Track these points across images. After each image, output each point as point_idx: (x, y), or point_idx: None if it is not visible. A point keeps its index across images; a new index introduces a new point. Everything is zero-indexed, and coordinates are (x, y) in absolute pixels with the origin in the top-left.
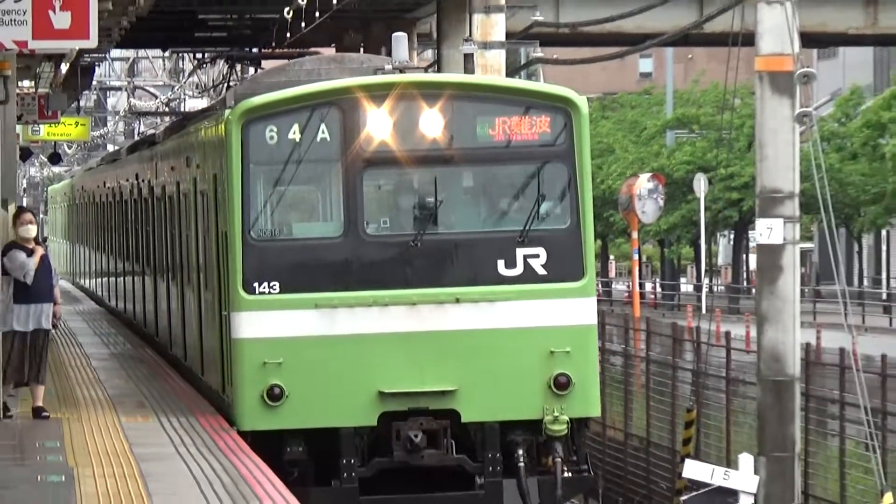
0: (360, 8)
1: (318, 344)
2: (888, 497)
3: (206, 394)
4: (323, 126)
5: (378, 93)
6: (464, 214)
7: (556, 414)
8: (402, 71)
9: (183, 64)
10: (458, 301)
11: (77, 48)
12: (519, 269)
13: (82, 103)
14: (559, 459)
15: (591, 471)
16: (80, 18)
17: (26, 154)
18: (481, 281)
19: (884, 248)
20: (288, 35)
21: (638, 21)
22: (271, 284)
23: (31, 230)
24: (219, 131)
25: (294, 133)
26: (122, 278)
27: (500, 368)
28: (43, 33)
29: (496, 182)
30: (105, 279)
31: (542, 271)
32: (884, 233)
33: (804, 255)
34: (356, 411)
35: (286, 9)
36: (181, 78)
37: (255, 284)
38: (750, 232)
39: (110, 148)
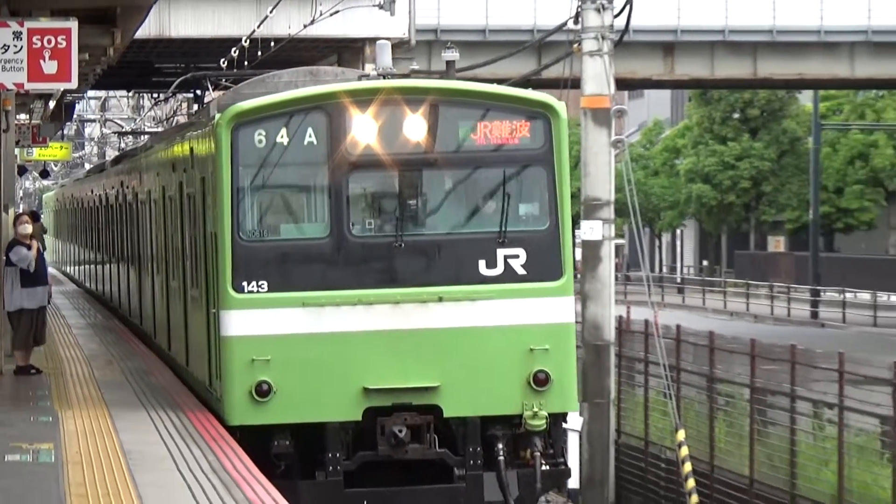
0: (277, 58)
1: (305, 341)
2: (681, 433)
3: (184, 377)
4: (310, 130)
5: (363, 98)
6: (446, 216)
7: (535, 409)
8: (385, 77)
9: (143, 101)
10: (440, 300)
11: (62, 89)
12: (499, 269)
13: (65, 131)
14: (538, 453)
15: (567, 464)
16: (64, 66)
17: (22, 171)
18: (463, 280)
19: (678, 243)
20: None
21: (491, 69)
22: (260, 283)
23: (28, 228)
24: (207, 136)
25: (282, 137)
26: (100, 267)
27: (481, 365)
28: (36, 77)
29: (478, 185)
30: (86, 267)
31: (521, 271)
32: (678, 232)
33: (618, 248)
34: (342, 406)
35: (222, 59)
36: (142, 112)
37: (244, 283)
38: (576, 230)
39: (87, 167)
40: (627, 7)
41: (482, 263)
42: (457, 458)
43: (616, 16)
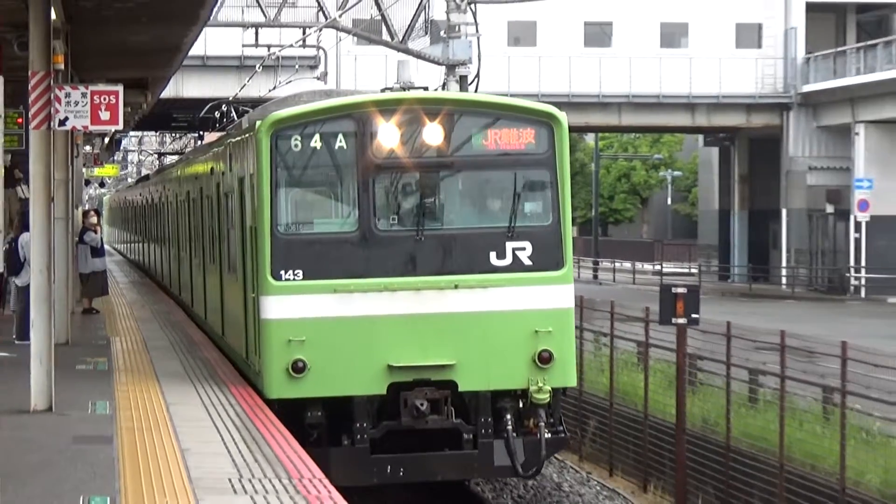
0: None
1: (336, 324)
2: None
3: (220, 344)
4: (340, 136)
5: (387, 108)
6: (461, 212)
7: (539, 385)
8: (406, 89)
9: (165, 138)
10: (456, 287)
11: (112, 130)
12: (508, 260)
13: (115, 157)
14: (542, 423)
15: (566, 431)
16: (114, 115)
17: (87, 182)
18: (476, 270)
19: None
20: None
21: None
22: (296, 272)
23: (94, 219)
24: (249, 142)
25: (315, 142)
26: (140, 245)
27: (491, 345)
28: (96, 122)
29: (488, 185)
30: (129, 245)
31: (528, 262)
32: None
33: None
34: (368, 382)
35: (216, 112)
36: (164, 145)
37: (282, 272)
38: None
39: (129, 180)
40: (476, 80)
41: (493, 255)
42: (469, 428)
43: (470, 83)
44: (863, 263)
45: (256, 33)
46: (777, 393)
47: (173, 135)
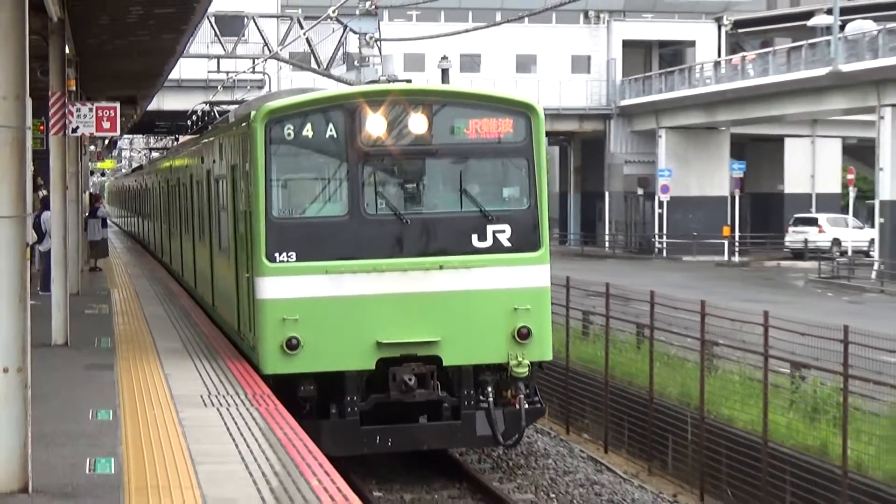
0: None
1: (328, 303)
2: None
3: (212, 314)
4: (331, 125)
5: (375, 99)
6: (444, 197)
7: (519, 359)
8: (391, 82)
9: (150, 139)
10: (441, 268)
11: (112, 135)
12: (489, 242)
13: (113, 154)
14: (522, 396)
15: (542, 402)
16: (113, 124)
17: (91, 173)
18: (459, 251)
19: None
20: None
21: None
22: (289, 254)
23: (102, 203)
24: (243, 130)
25: (307, 130)
26: (133, 219)
27: (474, 322)
28: (99, 129)
29: (470, 171)
30: (125, 219)
31: (507, 244)
32: None
33: None
34: (358, 357)
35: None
36: (150, 144)
37: (276, 254)
38: None
39: (123, 171)
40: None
41: (475, 237)
42: (453, 400)
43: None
44: (664, 232)
45: (218, 62)
46: (603, 329)
47: (156, 137)
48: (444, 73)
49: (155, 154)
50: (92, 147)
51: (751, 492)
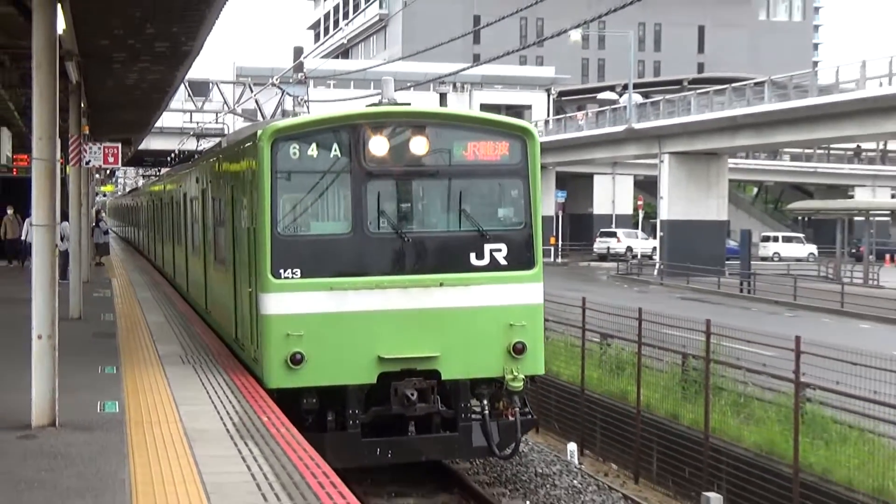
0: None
1: (331, 319)
2: None
3: (208, 320)
4: (335, 145)
5: (378, 121)
6: (444, 217)
7: (514, 373)
8: (391, 104)
9: (140, 170)
10: (441, 285)
11: (114, 167)
12: (486, 260)
13: (112, 180)
14: (517, 409)
15: (533, 414)
16: (115, 158)
17: (96, 194)
18: (458, 269)
19: None
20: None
21: None
22: (294, 271)
23: (103, 215)
24: (249, 150)
25: (312, 150)
26: (130, 229)
27: (471, 338)
28: (105, 162)
29: (468, 192)
30: (123, 229)
31: (503, 262)
32: None
33: None
34: (360, 372)
35: (169, 157)
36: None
37: (281, 271)
38: None
39: (119, 193)
40: None
41: (473, 255)
42: (450, 412)
43: None
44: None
45: (191, 115)
46: None
47: (144, 168)
48: (442, 96)
49: (142, 181)
50: (97, 175)
51: (571, 424)
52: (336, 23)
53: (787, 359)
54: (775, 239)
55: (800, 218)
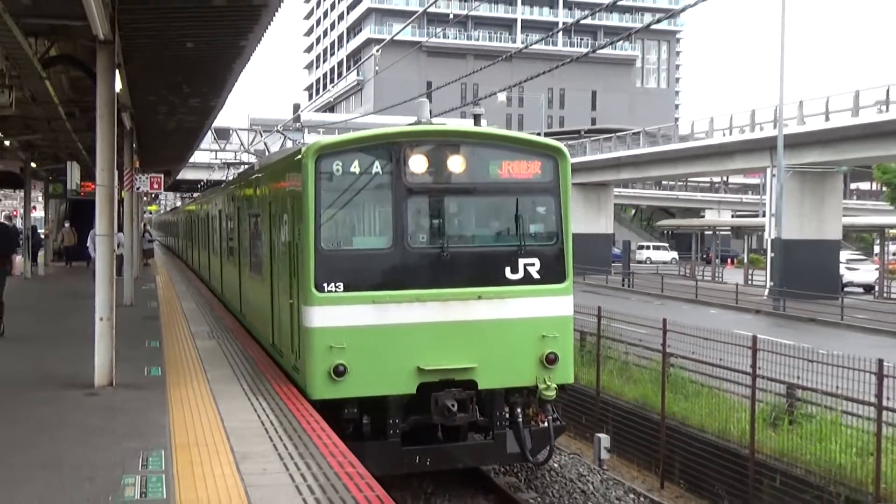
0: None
1: (373, 331)
2: None
3: (250, 331)
4: (377, 163)
5: (418, 139)
6: (481, 232)
7: (547, 383)
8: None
9: (178, 194)
10: (479, 298)
11: (158, 192)
12: (521, 274)
13: (156, 201)
14: (550, 417)
15: (562, 421)
16: (159, 185)
17: (143, 212)
18: (494, 283)
19: None
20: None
21: None
22: (337, 284)
23: (149, 228)
24: (293, 167)
25: (354, 167)
26: (174, 240)
27: (507, 349)
28: (151, 188)
29: (503, 209)
30: (167, 240)
31: (536, 276)
32: None
33: None
34: (401, 383)
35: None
36: (177, 197)
37: (325, 284)
38: None
39: (162, 211)
40: None
41: (508, 269)
42: (485, 421)
43: None
44: None
45: (216, 153)
46: None
47: (181, 192)
48: (476, 118)
49: (179, 202)
50: (145, 198)
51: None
52: (325, 86)
53: (656, 336)
54: (648, 247)
55: (665, 232)
